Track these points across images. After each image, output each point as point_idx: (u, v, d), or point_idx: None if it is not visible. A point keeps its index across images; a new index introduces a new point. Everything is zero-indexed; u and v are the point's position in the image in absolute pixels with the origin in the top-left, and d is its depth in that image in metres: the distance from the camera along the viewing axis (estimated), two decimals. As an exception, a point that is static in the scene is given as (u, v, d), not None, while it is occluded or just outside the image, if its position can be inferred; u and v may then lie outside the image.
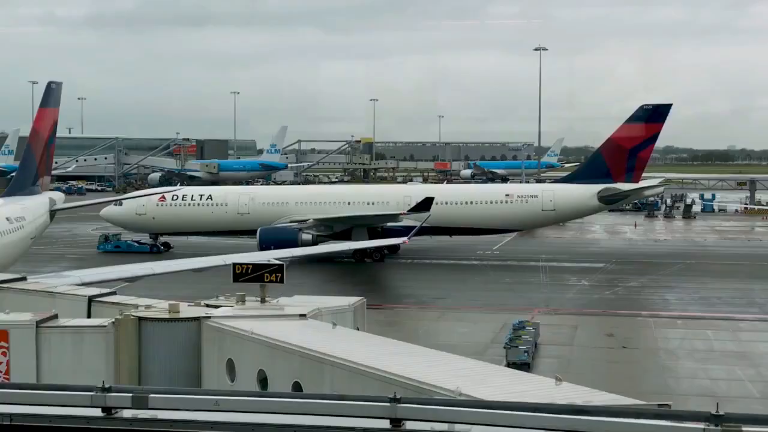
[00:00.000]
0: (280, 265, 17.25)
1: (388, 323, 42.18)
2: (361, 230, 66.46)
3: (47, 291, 19.30)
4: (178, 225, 70.70)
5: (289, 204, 70.76)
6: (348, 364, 12.53)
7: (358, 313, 17.15)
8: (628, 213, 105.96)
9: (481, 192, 77.54)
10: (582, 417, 7.30)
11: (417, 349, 14.14)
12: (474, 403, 7.69)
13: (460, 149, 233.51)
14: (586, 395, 10.53)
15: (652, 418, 7.36)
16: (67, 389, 7.62)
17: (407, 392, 9.83)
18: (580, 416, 7.31)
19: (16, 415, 7.24)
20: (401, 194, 72.13)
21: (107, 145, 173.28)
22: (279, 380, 13.69)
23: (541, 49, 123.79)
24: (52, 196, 51.48)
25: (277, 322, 15.31)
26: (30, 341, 15.61)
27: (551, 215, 71.32)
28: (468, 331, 42.63)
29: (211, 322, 15.32)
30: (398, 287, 57.28)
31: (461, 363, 13.03)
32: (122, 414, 7.32)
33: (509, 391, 11.02)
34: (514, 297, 52.22)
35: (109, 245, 71.98)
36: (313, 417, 7.25)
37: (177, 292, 38.39)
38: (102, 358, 15.44)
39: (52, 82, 51.32)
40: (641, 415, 7.40)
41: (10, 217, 43.38)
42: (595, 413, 7.42)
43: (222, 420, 7.17)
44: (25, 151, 51.87)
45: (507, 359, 34.51)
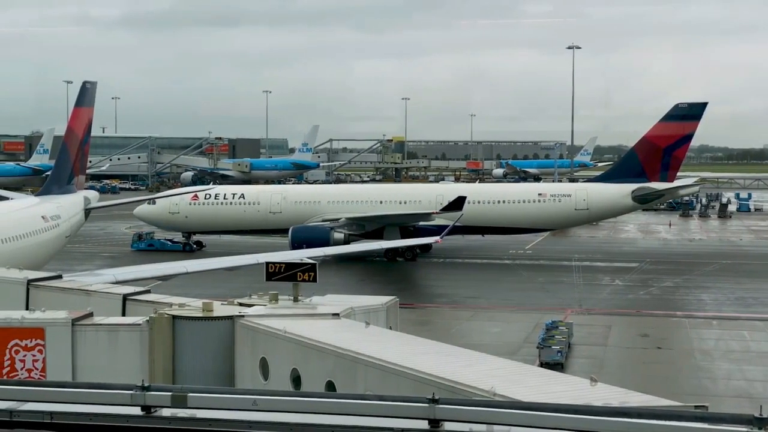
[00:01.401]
0: (313, 264, 17.21)
1: (420, 322, 42.11)
2: (393, 229, 66.43)
3: (82, 289, 19.40)
4: (211, 224, 71.04)
5: (321, 203, 70.86)
6: (381, 363, 12.46)
7: (391, 313, 17.08)
8: (662, 212, 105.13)
9: (513, 191, 77.20)
10: (621, 419, 7.19)
11: (450, 348, 14.05)
12: (512, 404, 7.60)
13: (492, 148, 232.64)
14: (621, 396, 10.41)
15: (693, 420, 7.23)
16: (106, 387, 7.62)
17: (441, 392, 9.73)
18: (619, 418, 7.20)
19: (57, 413, 7.26)
20: (433, 193, 72.00)
21: (140, 144, 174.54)
22: (312, 379, 13.65)
23: (574, 48, 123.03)
24: (87, 195, 51.88)
25: (310, 321, 15.27)
26: (66, 339, 15.69)
27: (584, 214, 70.91)
28: (500, 331, 42.46)
29: (245, 321, 15.31)
30: (430, 286, 57.16)
31: (495, 363, 12.92)
32: (161, 413, 7.31)
33: (544, 392, 10.91)
34: (546, 297, 51.95)
35: (142, 244, 72.45)
36: (351, 417, 7.20)
37: (210, 291, 38.66)
38: (136, 356, 15.49)
39: (87, 81, 51.71)
40: (681, 418, 7.28)
41: (45, 216, 43.76)
42: (634, 415, 7.30)
43: (260, 419, 7.15)
44: (60, 150, 52.31)
45: (540, 359, 34.33)
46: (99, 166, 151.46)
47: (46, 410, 7.28)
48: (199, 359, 15.36)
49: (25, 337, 15.72)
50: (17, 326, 15.81)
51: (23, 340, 15.70)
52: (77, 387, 7.82)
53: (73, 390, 7.68)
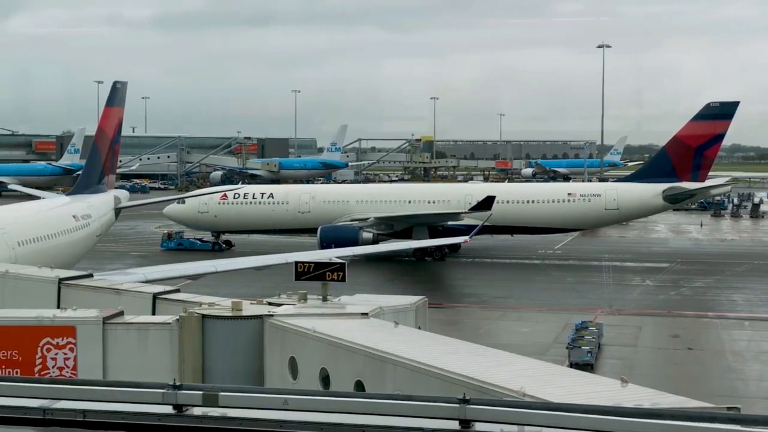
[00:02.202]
0: (342, 263, 17.20)
1: (449, 322, 42.02)
2: (422, 229, 66.36)
3: (113, 288, 19.52)
4: (240, 223, 71.29)
5: (349, 202, 70.90)
6: (410, 363, 12.43)
7: (420, 312, 17.04)
8: (693, 212, 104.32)
9: (542, 191, 76.90)
10: (653, 420, 7.11)
11: (479, 348, 13.99)
12: (543, 405, 7.54)
13: (522, 148, 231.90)
14: (652, 397, 10.32)
15: (725, 422, 7.15)
16: (138, 386, 7.65)
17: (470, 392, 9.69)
18: (651, 420, 7.13)
19: (90, 412, 7.29)
20: (462, 193, 71.85)
21: (170, 143, 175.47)
22: (341, 379, 13.65)
23: (605, 47, 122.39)
24: (117, 194, 52.20)
25: (339, 321, 15.27)
26: (97, 337, 15.78)
27: (614, 214, 70.52)
28: (530, 331, 42.29)
29: (274, 320, 15.33)
30: (459, 286, 57.05)
31: (524, 363, 12.86)
32: (193, 412, 7.33)
33: (575, 393, 10.83)
34: (576, 297, 51.69)
35: (172, 243, 72.80)
36: (382, 417, 7.18)
37: (239, 290, 38.82)
38: (166, 355, 15.56)
39: (117, 81, 52.04)
40: (714, 419, 7.19)
41: (76, 215, 44.08)
42: (666, 416, 7.22)
43: (290, 419, 7.14)
44: (91, 149, 52.66)
45: (569, 360, 34.15)
46: (129, 166, 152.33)
47: (78, 408, 7.32)
48: (228, 358, 15.40)
49: (56, 335, 15.84)
50: (49, 324, 15.94)
51: (55, 339, 15.82)
52: (109, 385, 7.85)
53: (106, 388, 7.71)
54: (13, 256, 32.40)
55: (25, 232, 36.43)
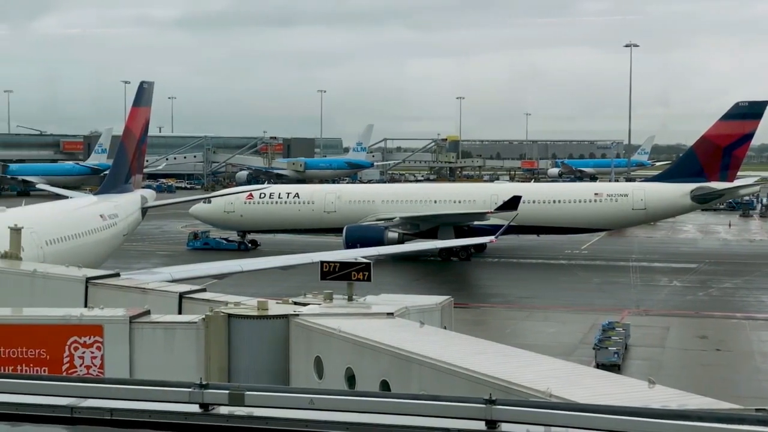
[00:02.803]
0: (368, 263, 17.19)
1: (474, 322, 41.93)
2: (448, 229, 66.26)
3: (140, 287, 19.61)
4: (266, 223, 71.50)
5: (375, 202, 70.93)
6: (436, 363, 12.40)
7: (446, 312, 17.00)
8: (721, 212, 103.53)
9: (569, 190, 76.60)
10: (681, 422, 7.04)
11: (505, 348, 13.94)
12: (570, 406, 7.48)
13: (548, 147, 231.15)
14: (680, 398, 10.23)
15: (755, 424, 7.06)
16: (164, 385, 7.68)
17: (496, 392, 9.66)
18: (679, 421, 7.05)
19: (117, 410, 7.32)
20: (488, 193, 71.71)
21: (196, 143, 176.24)
22: (366, 378, 13.64)
23: (632, 46, 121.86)
24: (144, 194, 52.49)
25: (365, 321, 15.26)
26: (123, 336, 15.86)
27: (642, 214, 70.12)
28: (556, 332, 42.13)
29: (299, 319, 15.35)
30: (485, 286, 56.92)
31: (550, 363, 12.80)
32: (219, 410, 7.34)
33: (601, 393, 10.77)
34: (603, 297, 51.44)
35: (198, 242, 73.12)
36: (407, 417, 7.16)
37: (265, 290, 38.86)
38: (192, 354, 15.60)
39: (144, 81, 52.32)
40: (743, 421, 7.10)
41: (103, 215, 44.36)
42: (694, 418, 7.15)
43: (316, 418, 7.14)
44: (118, 149, 52.99)
45: (596, 360, 33.98)
46: (155, 165, 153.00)
47: (106, 407, 7.35)
48: (254, 358, 15.43)
49: (83, 334, 15.93)
50: (76, 323, 16.03)
51: (82, 337, 15.92)
52: (136, 384, 7.88)
53: (133, 387, 7.74)
54: (41, 255, 32.63)
55: (53, 232, 36.70)
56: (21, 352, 15.99)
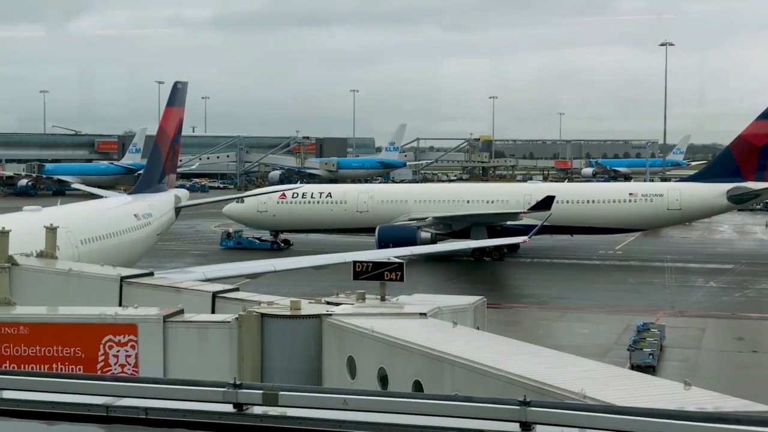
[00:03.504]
0: (401, 263, 17.17)
1: (507, 323, 41.75)
2: (481, 229, 66.09)
3: (173, 286, 19.71)
4: (298, 222, 71.69)
5: (407, 202, 70.90)
6: (469, 363, 12.36)
7: (479, 313, 16.94)
8: (758, 213, 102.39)
9: (603, 190, 76.10)
10: (718, 425, 6.95)
11: (538, 349, 13.87)
12: (605, 408, 7.41)
13: (581, 147, 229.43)
14: (716, 401, 10.13)
15: (794, 427, 6.96)
16: (199, 384, 7.70)
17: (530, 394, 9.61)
18: (715, 424, 6.96)
19: (151, 409, 7.35)
20: (521, 192, 71.42)
21: (229, 143, 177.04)
22: (399, 379, 13.62)
23: (667, 45, 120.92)
24: (177, 194, 52.80)
25: (397, 321, 15.24)
26: (157, 335, 15.94)
27: (677, 215, 69.53)
28: (590, 332, 41.87)
29: (332, 319, 15.35)
30: (518, 286, 56.70)
31: (584, 364, 12.71)
32: (253, 410, 7.36)
33: (636, 395, 10.68)
34: (637, 298, 51.05)
35: (230, 242, 73.44)
36: (441, 418, 7.13)
37: (298, 289, 38.93)
38: (225, 353, 15.65)
39: (178, 81, 52.66)
40: (782, 424, 7.00)
41: (138, 214, 44.68)
42: (732, 421, 7.05)
43: (349, 419, 7.12)
44: (152, 149, 53.36)
45: (631, 362, 33.73)
46: (189, 165, 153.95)
47: (141, 406, 7.39)
48: (287, 357, 15.45)
49: (118, 333, 16.04)
50: (111, 322, 16.15)
51: (117, 336, 16.03)
52: (171, 383, 7.91)
53: (167, 386, 7.77)
54: (77, 254, 32.92)
55: (88, 231, 37.01)
56: (56, 351, 16.13)
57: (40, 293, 20.14)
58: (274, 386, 7.59)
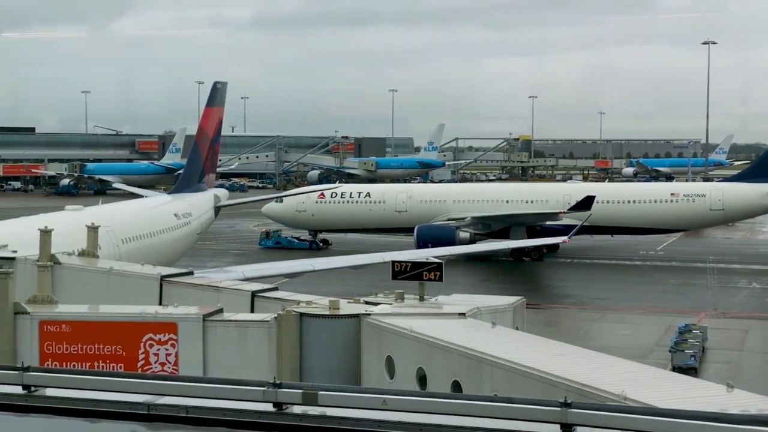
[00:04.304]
0: (439, 263, 17.12)
1: (547, 323, 41.53)
2: (520, 229, 65.83)
3: (213, 285, 19.82)
4: (337, 222, 71.84)
5: (446, 202, 70.80)
6: (508, 364, 12.29)
7: (518, 313, 16.86)
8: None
9: (644, 190, 75.51)
10: (761, 428, 6.84)
11: (578, 350, 13.78)
12: (647, 410, 7.34)
13: (622, 147, 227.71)
14: (759, 403, 9.98)
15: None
16: (238, 383, 7.74)
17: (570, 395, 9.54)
18: (759, 427, 6.86)
19: (192, 408, 7.39)
20: (561, 192, 71.05)
21: (268, 143, 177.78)
22: (438, 379, 13.58)
23: (710, 43, 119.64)
24: (217, 193, 53.13)
25: (436, 321, 15.21)
26: (197, 334, 16.04)
27: (719, 215, 68.78)
28: (630, 334, 41.53)
29: (371, 319, 15.35)
30: (557, 287, 56.39)
31: (625, 366, 12.61)
32: (292, 410, 7.37)
33: (678, 397, 10.56)
34: (679, 299, 50.56)
35: (269, 241, 73.75)
36: (480, 419, 7.09)
37: (336, 289, 39.00)
38: (264, 353, 15.71)
39: (217, 82, 52.98)
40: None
41: (177, 213, 45.00)
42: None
43: (388, 419, 7.11)
44: (191, 149, 53.75)
45: (672, 363, 33.43)
46: (228, 165, 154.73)
47: (181, 404, 7.43)
48: (325, 357, 15.47)
49: (158, 331, 16.16)
50: (151, 321, 16.28)
51: (157, 335, 16.15)
52: (211, 382, 7.95)
53: (207, 385, 7.81)
54: (117, 253, 33.24)
55: (128, 230, 37.34)
56: (98, 349, 16.28)
57: (81, 292, 20.34)
58: (314, 386, 7.60)
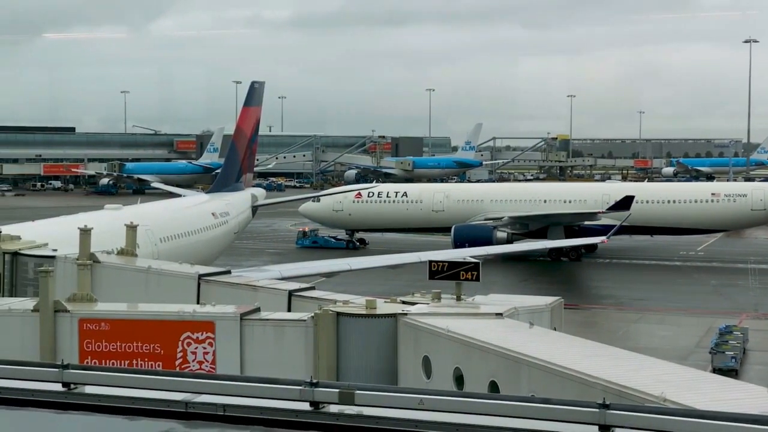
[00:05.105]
0: (477, 263, 17.06)
1: (585, 324, 41.25)
2: (557, 229, 65.44)
3: (250, 285, 19.90)
4: (374, 221, 71.86)
5: (483, 201, 70.56)
6: (546, 365, 12.22)
7: (555, 313, 16.76)
8: None
9: (684, 190, 74.74)
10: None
11: (617, 351, 13.67)
12: (687, 412, 7.24)
13: (662, 146, 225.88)
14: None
15: None
16: (275, 382, 7.75)
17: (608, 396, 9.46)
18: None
19: (229, 406, 7.42)
20: (599, 192, 70.55)
21: (305, 142, 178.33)
22: (475, 379, 13.53)
23: (752, 42, 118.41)
24: (254, 193, 53.35)
25: (473, 321, 15.16)
26: (234, 333, 16.11)
27: (761, 215, 67.95)
28: (670, 335, 41.14)
29: (408, 319, 15.33)
30: (596, 287, 56.00)
31: (664, 368, 12.50)
32: (329, 409, 7.37)
33: (718, 399, 10.45)
34: (720, 300, 50.01)
35: (306, 241, 73.93)
36: (518, 419, 7.05)
37: (373, 288, 39.02)
38: (301, 352, 15.74)
39: (255, 81, 53.21)
40: None
41: (215, 213, 45.24)
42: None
43: (425, 419, 7.08)
44: (229, 148, 54.03)
45: (713, 365, 33.05)
46: (266, 164, 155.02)
47: (219, 403, 7.46)
48: (362, 356, 15.47)
49: (196, 330, 16.25)
50: (189, 319, 16.37)
51: (195, 333, 16.24)
52: (248, 381, 7.98)
53: (245, 384, 7.84)
54: (156, 252, 33.47)
55: (166, 229, 37.59)
56: (136, 347, 16.41)
57: (120, 290, 20.51)
58: (351, 385, 7.59)
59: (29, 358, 15.28)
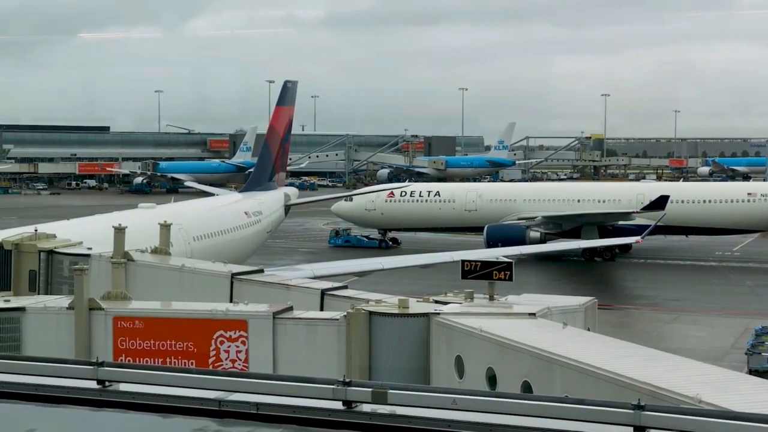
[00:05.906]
0: (509, 262, 17.00)
1: (619, 324, 40.98)
2: (591, 228, 65.07)
3: (283, 283, 19.96)
4: (406, 221, 71.83)
5: (516, 201, 70.31)
6: (580, 365, 12.15)
7: (589, 314, 16.68)
8: None
9: (720, 190, 74.00)
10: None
11: (651, 352, 13.57)
12: (723, 414, 7.15)
13: (697, 145, 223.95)
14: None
15: None
16: (308, 381, 7.76)
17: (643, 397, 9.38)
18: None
19: (262, 405, 7.44)
20: (634, 192, 70.05)
21: (338, 142, 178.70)
22: (508, 379, 13.48)
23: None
24: (287, 192, 53.50)
25: (506, 321, 15.10)
26: (267, 331, 16.16)
27: (798, 215, 67.14)
28: (705, 336, 40.76)
29: (440, 318, 15.30)
30: (630, 288, 55.60)
31: (700, 369, 12.39)
32: (362, 408, 7.36)
33: (755, 401, 10.34)
34: (756, 301, 49.47)
35: (339, 240, 74.04)
36: (551, 420, 7.00)
37: (405, 288, 39.00)
38: (334, 351, 15.76)
39: (288, 81, 53.36)
40: None
41: (248, 212, 45.42)
42: None
43: (458, 419, 7.06)
44: (262, 147, 54.23)
45: (749, 366, 32.67)
46: (298, 164, 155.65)
47: (252, 401, 7.48)
48: (395, 355, 15.46)
49: (229, 328, 16.32)
50: (222, 318, 16.44)
51: (228, 332, 16.31)
52: (281, 379, 7.99)
53: (278, 382, 7.85)
54: (189, 251, 33.67)
55: (200, 228, 37.80)
56: (170, 345, 16.51)
57: (154, 288, 20.66)
58: (383, 384, 7.58)
59: (64, 355, 15.42)
